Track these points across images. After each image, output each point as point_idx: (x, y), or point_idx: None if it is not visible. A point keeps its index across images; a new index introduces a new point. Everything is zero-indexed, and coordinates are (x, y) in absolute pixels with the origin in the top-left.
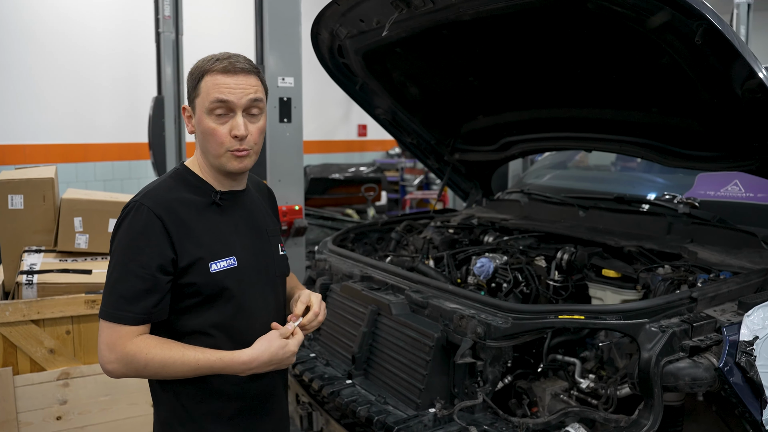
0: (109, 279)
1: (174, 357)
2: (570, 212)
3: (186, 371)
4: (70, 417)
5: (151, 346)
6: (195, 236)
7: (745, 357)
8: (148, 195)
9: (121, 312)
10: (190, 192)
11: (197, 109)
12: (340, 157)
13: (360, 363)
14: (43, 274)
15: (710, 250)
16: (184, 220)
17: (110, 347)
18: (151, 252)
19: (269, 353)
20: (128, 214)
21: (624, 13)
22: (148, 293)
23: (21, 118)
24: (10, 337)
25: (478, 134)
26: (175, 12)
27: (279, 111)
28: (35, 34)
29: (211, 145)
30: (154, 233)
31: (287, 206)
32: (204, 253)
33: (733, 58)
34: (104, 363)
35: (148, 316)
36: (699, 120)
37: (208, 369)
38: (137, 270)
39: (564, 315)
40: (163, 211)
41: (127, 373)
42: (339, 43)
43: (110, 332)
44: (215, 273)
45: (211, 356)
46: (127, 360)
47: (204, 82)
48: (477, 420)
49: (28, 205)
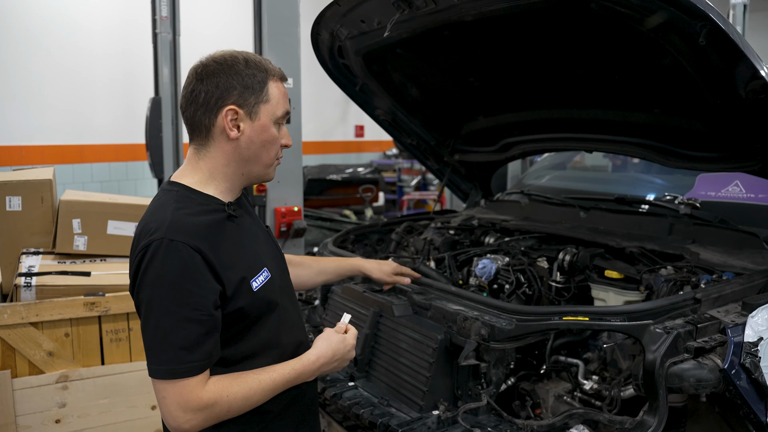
0: (157, 332)
1: (252, 387)
2: (571, 213)
3: (266, 396)
4: (69, 420)
5: (226, 386)
6: (230, 259)
7: (749, 358)
8: (173, 227)
9: (186, 365)
10: (203, 212)
11: (262, 115)
12: (338, 158)
13: (362, 365)
14: (42, 276)
15: (712, 251)
16: (216, 246)
17: (184, 405)
18: (202, 291)
19: (332, 349)
20: (155, 255)
21: (627, 14)
22: (208, 336)
23: (17, 119)
24: (8, 339)
25: (478, 135)
26: (172, 13)
27: None
28: (32, 34)
29: (269, 155)
30: (198, 269)
31: (286, 207)
32: (245, 273)
33: (737, 58)
34: (180, 424)
35: (209, 361)
36: (701, 121)
37: (283, 384)
38: (191, 314)
39: (568, 316)
40: (198, 242)
41: (208, 423)
42: (339, 44)
43: (178, 389)
44: (258, 290)
45: (283, 369)
46: (208, 410)
47: (271, 88)
48: (481, 422)
49: (26, 207)
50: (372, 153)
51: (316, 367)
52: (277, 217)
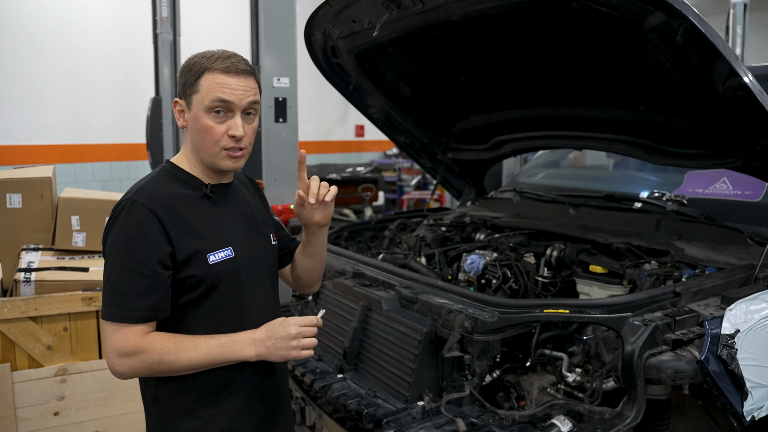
0: (109, 279)
1: (187, 346)
2: (560, 210)
3: (200, 358)
4: (68, 413)
5: (163, 339)
6: (191, 229)
7: (726, 350)
8: (140, 191)
9: (126, 311)
10: (180, 186)
11: (194, 105)
12: (338, 158)
13: (351, 358)
14: (41, 272)
15: (697, 247)
16: (178, 214)
17: (119, 349)
18: (150, 248)
19: (267, 327)
20: (121, 212)
21: (608, 13)
22: (151, 290)
23: (19, 118)
24: (8, 333)
25: (470, 133)
26: (172, 13)
27: (274, 111)
28: (33, 35)
29: (206, 143)
30: (151, 229)
31: (283, 205)
32: (202, 245)
33: (714, 57)
34: (115, 365)
35: (153, 313)
36: (684, 118)
37: (217, 349)
38: (138, 267)
39: (549, 309)
40: (157, 206)
41: (140, 371)
42: (332, 44)
43: (118, 333)
44: (214, 264)
45: (219, 337)
46: (140, 358)
47: (204, 79)
48: (464, 412)
49: (26, 204)
50: (372, 153)
51: (249, 338)
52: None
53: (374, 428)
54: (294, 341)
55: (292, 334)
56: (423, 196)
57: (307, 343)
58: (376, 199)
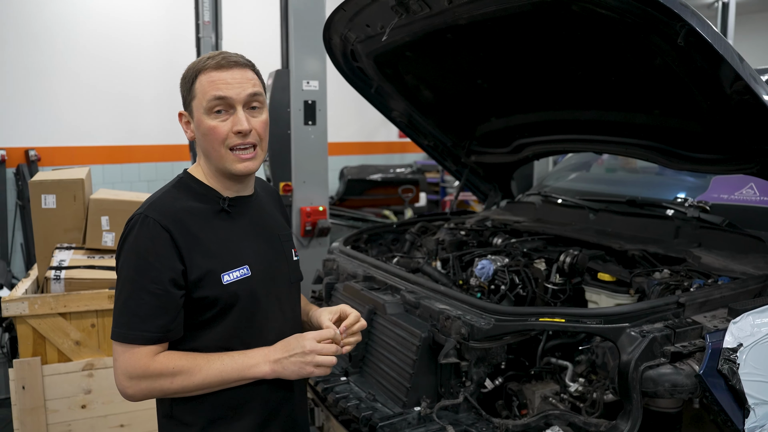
0: (119, 297)
1: (200, 364)
2: (581, 215)
3: (213, 377)
4: (94, 406)
5: (174, 359)
6: (204, 247)
7: (727, 364)
8: (153, 206)
9: (137, 332)
10: (196, 200)
11: (195, 111)
12: (381, 159)
13: (356, 361)
14: (71, 270)
15: (715, 255)
16: (191, 231)
17: (129, 371)
18: (162, 266)
19: (283, 343)
20: (133, 227)
21: (609, 16)
22: (162, 310)
23: (68, 121)
24: (39, 328)
25: (492, 136)
26: (214, 17)
27: (304, 114)
28: (83, 40)
29: (213, 145)
30: (163, 246)
31: (311, 207)
32: (215, 265)
33: (717, 59)
34: (124, 388)
35: (164, 335)
36: (699, 122)
37: (232, 368)
38: (149, 286)
39: (545, 318)
40: (170, 223)
41: (151, 393)
42: (351, 48)
43: (128, 355)
44: (228, 284)
45: (235, 355)
46: (150, 380)
47: (198, 82)
48: (459, 419)
49: (60, 205)
50: (415, 153)
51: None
52: (302, 216)
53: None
54: (309, 357)
55: (307, 350)
56: (466, 197)
57: (323, 360)
58: (417, 201)
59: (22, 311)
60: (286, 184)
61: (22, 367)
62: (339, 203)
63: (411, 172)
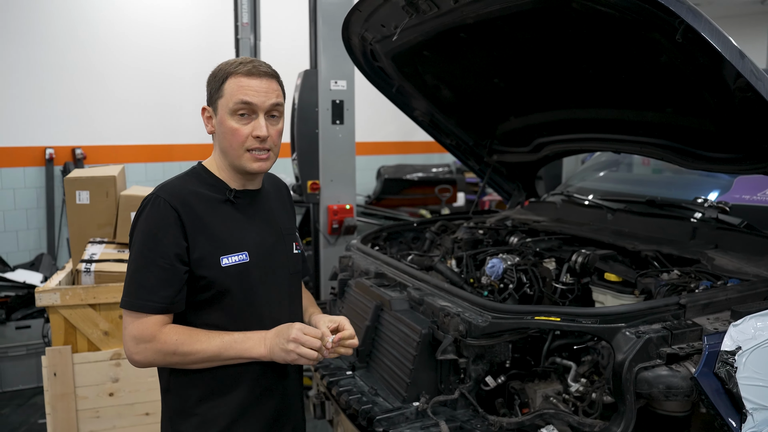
0: (129, 270)
1: (200, 338)
2: (599, 215)
3: (212, 351)
4: (121, 394)
5: (179, 332)
6: (208, 230)
7: (724, 367)
8: (164, 188)
9: (143, 301)
10: (204, 188)
11: (219, 109)
12: (420, 158)
13: (363, 356)
14: (101, 263)
15: (730, 257)
16: (197, 213)
17: (137, 336)
18: (168, 242)
19: (275, 330)
20: (146, 206)
21: (609, 13)
22: (167, 282)
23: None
24: (70, 318)
25: (512, 135)
26: (253, 19)
27: (332, 113)
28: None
29: (232, 145)
30: (170, 224)
31: (338, 205)
32: (215, 247)
33: (716, 56)
34: (131, 353)
35: (169, 306)
36: (711, 120)
37: (230, 344)
38: (156, 260)
39: (541, 316)
40: (178, 203)
41: (154, 361)
42: (370, 48)
43: (135, 323)
44: (226, 267)
45: (234, 334)
46: (156, 347)
47: (228, 84)
48: (456, 416)
49: (93, 201)
50: None
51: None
52: (329, 214)
53: (367, 426)
54: (291, 345)
55: (291, 338)
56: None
57: (304, 352)
58: (455, 200)
59: (54, 301)
60: (313, 182)
61: (54, 355)
62: (376, 202)
63: (448, 171)
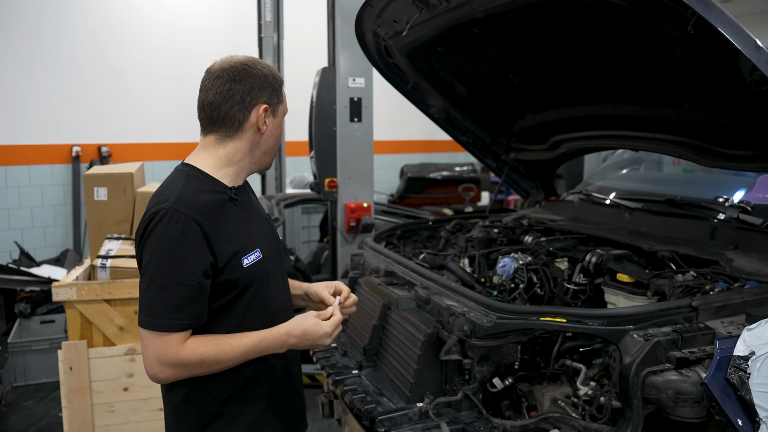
0: (149, 289)
1: (225, 348)
2: (617, 214)
3: (236, 358)
4: (136, 389)
5: (202, 344)
6: (225, 234)
7: (736, 373)
8: (180, 201)
9: (170, 321)
10: (208, 192)
11: (280, 114)
12: (445, 157)
13: (370, 355)
14: (116, 259)
15: (750, 258)
16: (215, 221)
17: (162, 358)
18: (195, 258)
19: (302, 328)
20: (160, 221)
21: (617, 3)
22: (194, 299)
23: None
24: (86, 313)
25: (529, 133)
26: (276, 17)
27: (350, 111)
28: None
29: (275, 146)
30: (195, 239)
31: (356, 203)
32: (237, 250)
33: (730, 48)
34: (156, 373)
35: (195, 321)
36: (728, 116)
37: (253, 348)
38: (182, 278)
39: (546, 317)
40: (199, 216)
41: (180, 376)
42: (384, 44)
43: (160, 342)
44: (247, 267)
45: (254, 336)
46: (182, 365)
47: (283, 92)
48: (459, 418)
49: (111, 197)
50: None
51: (283, 339)
52: (346, 212)
53: (370, 425)
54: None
55: (325, 334)
56: None
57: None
58: (479, 199)
59: (70, 296)
60: (331, 180)
61: (70, 349)
62: (399, 201)
63: (472, 170)
